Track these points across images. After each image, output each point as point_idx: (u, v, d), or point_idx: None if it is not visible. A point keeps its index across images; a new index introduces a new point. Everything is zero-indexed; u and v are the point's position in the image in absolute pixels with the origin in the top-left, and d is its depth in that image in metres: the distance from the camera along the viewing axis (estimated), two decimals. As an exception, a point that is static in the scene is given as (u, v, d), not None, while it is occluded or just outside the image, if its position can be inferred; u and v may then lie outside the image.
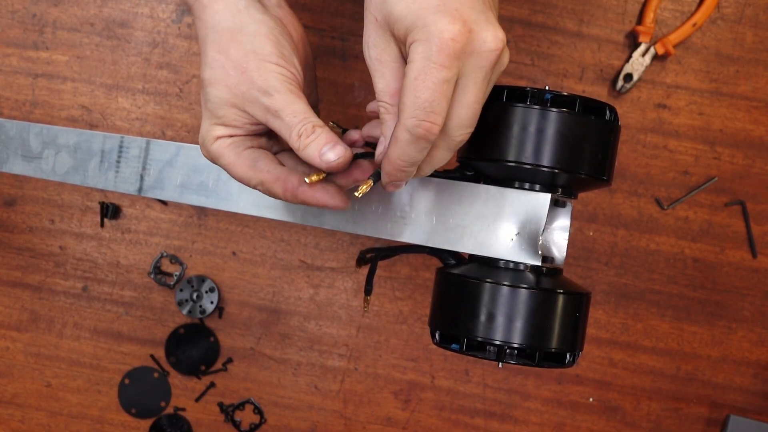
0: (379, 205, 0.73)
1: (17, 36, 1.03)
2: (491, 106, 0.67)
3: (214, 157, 0.68)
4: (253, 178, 0.67)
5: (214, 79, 0.66)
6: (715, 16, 1.01)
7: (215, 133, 0.67)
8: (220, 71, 0.65)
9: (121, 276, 1.05)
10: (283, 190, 0.66)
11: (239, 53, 0.65)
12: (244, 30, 0.66)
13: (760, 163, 1.02)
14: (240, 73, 0.65)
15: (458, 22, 0.57)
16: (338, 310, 1.05)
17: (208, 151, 0.68)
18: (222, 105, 0.66)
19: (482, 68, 0.59)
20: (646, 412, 1.04)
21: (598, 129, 0.67)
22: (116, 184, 0.81)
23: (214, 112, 0.66)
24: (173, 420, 1.06)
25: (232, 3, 0.66)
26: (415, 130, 0.58)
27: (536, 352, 0.67)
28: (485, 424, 1.05)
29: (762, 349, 1.03)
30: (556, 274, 0.71)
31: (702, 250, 1.03)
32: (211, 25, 0.66)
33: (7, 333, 1.06)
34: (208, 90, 0.66)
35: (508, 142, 0.66)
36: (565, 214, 0.72)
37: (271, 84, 0.64)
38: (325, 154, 0.63)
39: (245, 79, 0.65)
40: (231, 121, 0.66)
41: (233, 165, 0.67)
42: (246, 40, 0.65)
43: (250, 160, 0.67)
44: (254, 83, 0.64)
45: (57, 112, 1.04)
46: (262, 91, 0.64)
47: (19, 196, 1.05)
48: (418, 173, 0.65)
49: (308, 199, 0.66)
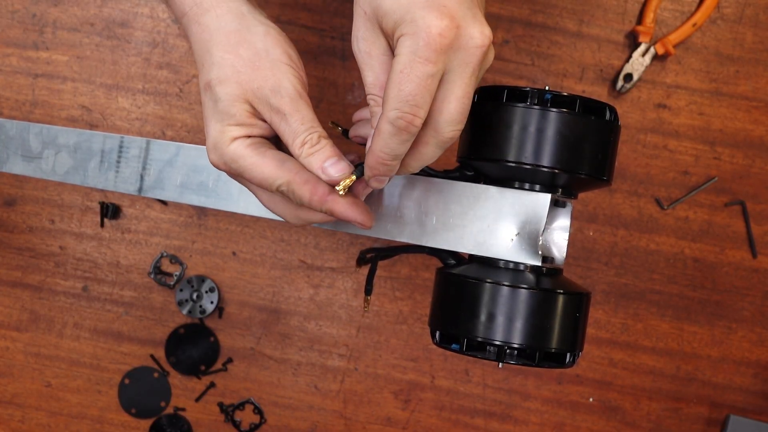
0: (379, 206, 0.73)
1: (17, 36, 1.03)
2: (491, 106, 0.67)
3: (232, 159, 0.65)
4: (280, 177, 0.64)
5: (224, 77, 0.64)
6: (715, 16, 1.01)
7: (231, 134, 0.65)
8: (230, 69, 0.64)
9: (121, 276, 1.05)
10: (311, 194, 0.64)
11: (249, 52, 0.64)
12: (253, 30, 0.65)
13: (760, 163, 1.02)
14: (252, 71, 0.64)
15: (446, 17, 0.57)
16: (338, 310, 1.05)
17: (222, 154, 0.66)
18: (234, 102, 0.64)
19: (468, 64, 0.59)
20: (646, 412, 1.04)
21: (598, 129, 0.67)
22: (116, 184, 0.80)
23: (227, 110, 0.65)
24: (173, 420, 1.06)
25: (234, 8, 0.66)
26: (397, 122, 0.58)
27: (536, 352, 0.67)
28: (485, 424, 1.05)
29: (762, 349, 1.03)
30: (556, 274, 0.71)
31: (702, 250, 1.03)
32: (215, 28, 0.65)
33: (7, 333, 1.06)
34: (217, 90, 0.65)
35: (508, 142, 0.66)
36: (565, 214, 0.71)
37: (282, 84, 0.64)
38: (328, 168, 0.63)
39: (258, 76, 0.64)
40: (246, 119, 0.65)
41: (257, 165, 0.65)
42: (256, 39, 0.65)
43: (277, 160, 0.65)
44: (267, 81, 0.64)
45: (57, 112, 1.04)
46: (274, 91, 0.64)
47: (19, 196, 1.05)
48: (405, 169, 0.64)
49: (335, 209, 0.64)
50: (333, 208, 0.64)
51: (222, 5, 0.66)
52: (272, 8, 1.02)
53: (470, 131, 0.69)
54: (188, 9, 0.66)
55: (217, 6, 0.66)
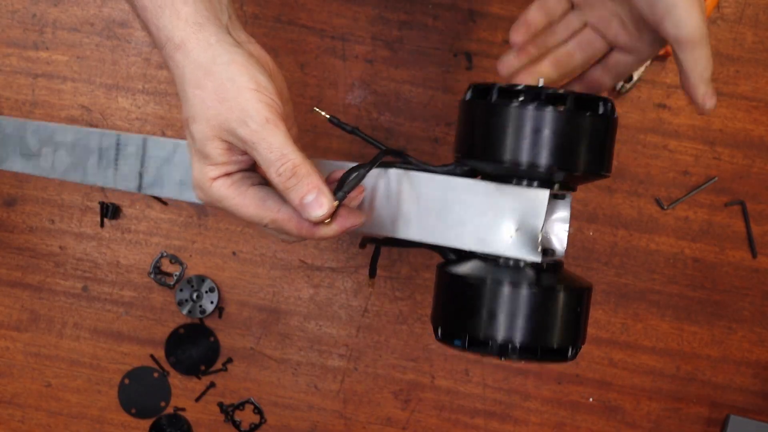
0: (378, 204, 0.73)
1: (17, 36, 1.04)
2: (486, 105, 0.67)
3: (215, 200, 0.66)
4: (265, 217, 0.65)
5: (195, 114, 0.64)
6: (715, 16, 1.01)
7: (210, 174, 0.65)
8: (200, 106, 0.64)
9: (121, 276, 1.05)
10: (298, 229, 0.65)
11: (215, 84, 0.63)
12: (217, 61, 0.64)
13: (760, 163, 1.02)
14: (218, 103, 0.63)
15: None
16: (338, 310, 1.05)
17: (206, 194, 0.66)
18: (207, 141, 0.64)
19: None
20: (646, 412, 1.04)
21: (593, 123, 0.67)
22: (116, 181, 0.80)
23: (202, 150, 0.65)
24: (173, 420, 1.05)
25: (203, 39, 0.65)
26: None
27: (538, 347, 0.67)
28: (485, 424, 1.05)
29: (762, 349, 1.03)
30: (557, 268, 0.70)
31: (702, 250, 1.03)
32: (184, 65, 0.64)
33: (7, 333, 1.06)
34: (192, 128, 0.65)
35: (503, 141, 0.66)
36: (565, 205, 0.71)
37: (248, 113, 0.63)
38: (307, 207, 0.63)
39: (224, 109, 0.63)
40: (222, 158, 0.64)
41: (240, 206, 0.65)
42: (220, 70, 0.64)
43: (257, 198, 0.65)
44: (232, 112, 0.63)
45: (57, 112, 1.04)
46: (239, 122, 0.63)
47: (19, 196, 1.05)
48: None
49: (327, 234, 0.65)
50: (324, 235, 0.65)
51: (191, 39, 0.64)
52: (272, 8, 1.02)
53: (465, 130, 0.69)
54: (163, 44, 0.66)
55: (187, 41, 0.64)
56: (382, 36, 1.02)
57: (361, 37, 1.02)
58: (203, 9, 0.65)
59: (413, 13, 1.01)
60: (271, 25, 1.02)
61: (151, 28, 0.66)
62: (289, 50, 1.02)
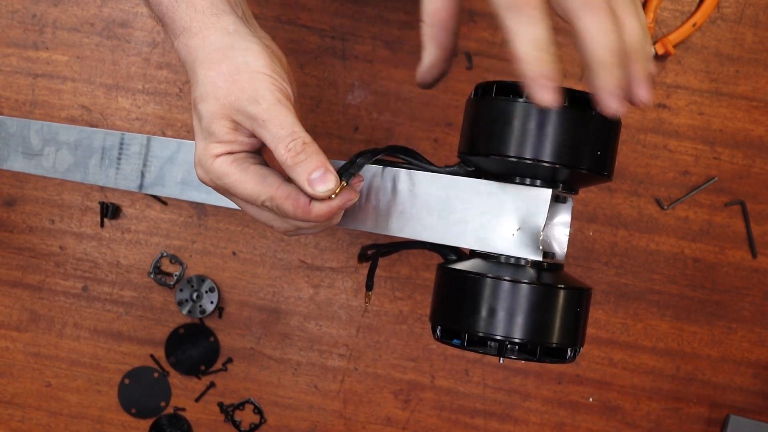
0: (380, 202, 0.73)
1: (17, 36, 1.04)
2: (490, 102, 0.67)
3: (216, 177, 0.66)
4: (263, 193, 0.65)
5: (205, 94, 0.65)
6: (715, 16, 1.01)
7: (213, 151, 0.66)
8: (211, 86, 0.65)
9: (121, 276, 1.05)
10: (294, 207, 0.65)
11: (230, 67, 0.65)
12: (235, 46, 0.66)
13: (760, 163, 1.02)
14: (230, 84, 0.64)
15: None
16: (338, 310, 1.05)
17: (207, 171, 0.67)
18: (214, 119, 0.65)
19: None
20: (646, 412, 1.04)
21: (597, 123, 0.67)
22: (117, 181, 0.80)
23: (209, 128, 0.65)
24: (173, 420, 1.05)
25: (221, 27, 0.66)
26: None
27: (537, 347, 0.67)
28: (485, 424, 1.05)
29: (762, 349, 1.03)
30: (557, 269, 0.71)
31: (702, 250, 1.03)
32: (200, 49, 0.66)
33: (7, 333, 1.06)
34: (200, 107, 0.66)
35: (507, 137, 0.66)
36: (566, 209, 0.71)
37: (260, 93, 0.64)
38: (315, 182, 0.63)
39: (235, 89, 0.64)
40: (227, 136, 0.65)
41: (240, 182, 0.66)
42: (237, 54, 0.65)
43: (258, 176, 0.66)
44: (244, 92, 0.64)
45: (57, 112, 1.04)
46: (251, 100, 0.64)
47: (19, 196, 1.05)
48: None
49: (321, 213, 0.65)
50: (318, 214, 0.65)
51: (210, 27, 0.66)
52: (272, 8, 1.02)
53: (469, 127, 0.69)
54: (179, 33, 0.67)
55: (205, 29, 0.66)
56: (382, 36, 1.02)
57: (361, 37, 1.02)
58: (219, 2, 0.67)
59: (413, 13, 1.01)
60: (271, 25, 1.02)
61: (165, 20, 0.68)
62: (289, 50, 1.02)
